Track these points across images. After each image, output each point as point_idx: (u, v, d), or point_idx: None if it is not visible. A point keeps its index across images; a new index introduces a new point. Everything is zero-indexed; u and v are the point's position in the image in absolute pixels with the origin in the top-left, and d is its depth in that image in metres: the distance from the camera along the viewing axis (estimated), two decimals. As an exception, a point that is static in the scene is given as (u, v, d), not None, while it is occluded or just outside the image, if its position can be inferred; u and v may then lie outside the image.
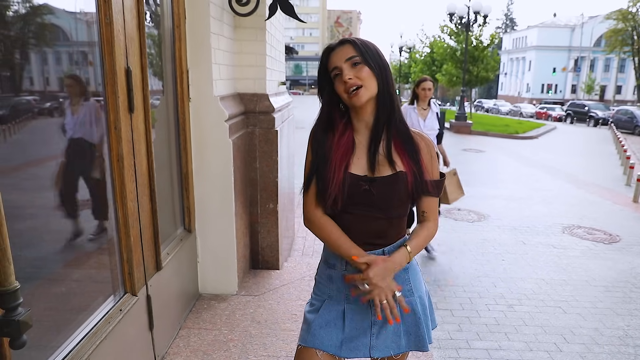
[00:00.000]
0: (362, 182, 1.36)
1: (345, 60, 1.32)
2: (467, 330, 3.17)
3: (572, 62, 58.25)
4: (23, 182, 1.58)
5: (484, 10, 17.72)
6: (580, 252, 4.82)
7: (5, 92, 1.47)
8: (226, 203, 2.96)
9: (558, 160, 11.69)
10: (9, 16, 1.46)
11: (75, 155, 1.80)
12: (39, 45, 1.60)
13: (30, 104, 1.57)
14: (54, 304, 1.69)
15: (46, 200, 1.68)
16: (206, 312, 2.89)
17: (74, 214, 1.84)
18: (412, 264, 1.48)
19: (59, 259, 1.76)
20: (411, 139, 1.40)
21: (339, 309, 1.45)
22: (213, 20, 2.78)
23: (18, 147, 1.52)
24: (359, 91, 1.32)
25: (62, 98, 1.76)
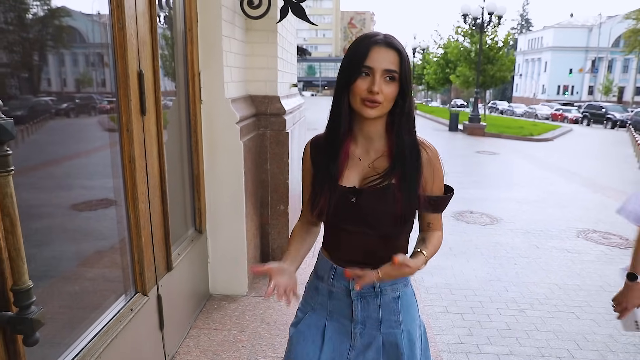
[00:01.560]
0: (349, 195, 1.28)
1: (384, 70, 1.19)
2: (477, 335, 3.14)
3: (589, 63, 57.35)
4: (40, 182, 1.62)
5: (498, 11, 17.54)
6: (595, 257, 4.75)
7: (23, 93, 1.51)
8: (237, 204, 2.98)
9: (573, 163, 11.52)
10: (27, 18, 1.49)
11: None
12: (56, 47, 1.63)
13: (47, 105, 1.60)
14: (67, 302, 1.72)
15: (61, 200, 1.72)
16: (216, 313, 2.92)
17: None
18: (406, 293, 1.38)
19: (72, 258, 1.79)
20: (413, 152, 1.28)
21: (319, 325, 1.39)
22: (225, 23, 2.81)
23: (36, 147, 1.56)
24: (376, 105, 1.21)
25: (78, 99, 1.80)
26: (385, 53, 1.20)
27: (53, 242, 1.68)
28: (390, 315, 1.35)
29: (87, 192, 1.90)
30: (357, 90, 1.21)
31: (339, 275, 1.35)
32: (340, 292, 1.36)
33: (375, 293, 1.34)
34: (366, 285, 1.28)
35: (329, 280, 1.38)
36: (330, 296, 1.38)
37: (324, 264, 1.40)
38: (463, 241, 5.09)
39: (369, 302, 1.35)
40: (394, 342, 1.34)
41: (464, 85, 24.06)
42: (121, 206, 1.97)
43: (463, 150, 13.00)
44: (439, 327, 3.22)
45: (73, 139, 1.79)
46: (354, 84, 1.21)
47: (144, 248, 2.02)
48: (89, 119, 1.89)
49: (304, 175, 1.41)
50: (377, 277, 1.20)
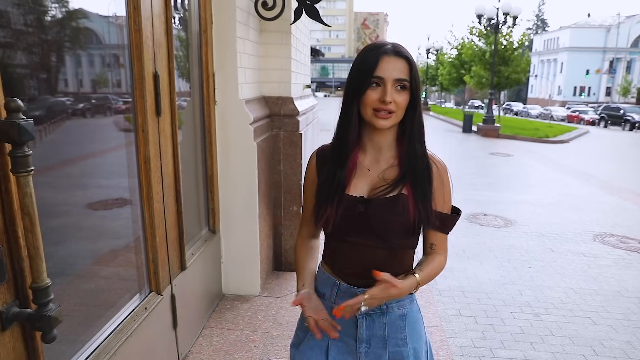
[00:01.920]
0: (357, 205, 1.24)
1: (395, 79, 1.18)
2: (491, 339, 3.11)
3: (606, 64, 56.41)
4: (57, 181, 1.64)
5: (513, 11, 17.33)
6: (612, 261, 4.66)
7: (42, 93, 1.53)
8: (250, 205, 3.00)
9: (590, 165, 11.33)
10: (45, 20, 1.52)
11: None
12: (73, 48, 1.66)
13: (64, 105, 1.63)
14: (82, 300, 1.75)
15: (78, 199, 1.75)
16: (229, 313, 2.93)
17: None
18: (413, 310, 1.35)
19: (88, 257, 1.82)
20: (424, 164, 1.26)
21: (322, 345, 1.34)
22: (239, 25, 2.82)
23: (53, 146, 1.58)
24: (389, 116, 1.19)
25: (95, 99, 1.83)
26: (395, 62, 1.19)
27: (69, 241, 1.70)
28: (397, 333, 1.31)
29: (102, 191, 1.93)
30: (368, 101, 1.20)
31: (343, 292, 1.31)
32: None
33: (381, 311, 1.30)
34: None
35: (331, 297, 1.33)
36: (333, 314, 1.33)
37: (326, 281, 1.35)
38: (476, 244, 5.04)
39: (374, 320, 1.30)
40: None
41: (478, 86, 23.82)
42: (136, 206, 1.99)
43: (477, 152, 12.89)
44: (452, 330, 3.20)
45: (89, 139, 1.82)
46: (364, 95, 1.20)
47: (158, 247, 2.04)
48: (105, 119, 1.92)
49: (307, 185, 1.37)
50: (363, 300, 1.17)
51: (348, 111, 1.26)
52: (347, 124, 1.26)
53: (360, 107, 1.22)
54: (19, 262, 1.17)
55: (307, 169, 1.38)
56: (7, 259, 1.15)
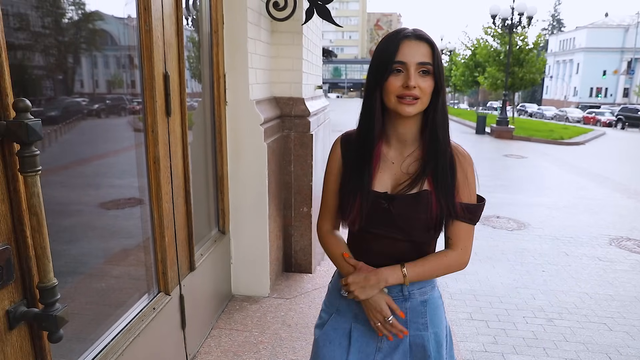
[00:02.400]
0: (381, 201, 1.23)
1: (418, 63, 1.15)
2: (502, 343, 3.06)
3: (624, 64, 55.38)
4: (70, 180, 1.66)
5: (528, 11, 17.12)
6: (629, 266, 4.56)
7: (57, 94, 1.55)
8: (260, 206, 2.99)
9: (606, 167, 11.12)
10: (61, 22, 1.53)
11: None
12: (88, 49, 1.68)
13: (79, 106, 1.64)
14: (91, 299, 1.75)
15: (89, 198, 1.76)
16: (238, 313, 2.93)
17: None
18: (434, 296, 1.36)
19: (97, 256, 1.83)
20: (446, 156, 1.24)
21: (345, 328, 1.37)
22: (250, 25, 2.82)
23: (67, 146, 1.59)
24: (414, 102, 1.16)
25: (108, 100, 1.84)
26: (416, 46, 1.16)
27: (80, 240, 1.71)
28: (418, 318, 1.32)
29: (114, 190, 1.94)
30: (391, 89, 1.17)
31: None
32: None
33: (403, 297, 1.32)
34: (394, 290, 1.31)
35: None
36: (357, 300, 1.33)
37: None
38: (489, 246, 4.98)
39: (397, 305, 1.31)
40: (421, 344, 1.32)
41: (492, 87, 23.58)
42: (145, 206, 2.00)
43: (490, 154, 12.75)
44: (463, 334, 3.15)
45: (101, 139, 1.83)
46: (386, 82, 1.17)
47: (167, 248, 2.04)
48: (118, 120, 1.93)
49: (330, 170, 1.35)
50: (342, 285, 1.27)
51: (371, 101, 1.22)
52: (371, 115, 1.23)
53: (384, 96, 1.19)
54: (26, 261, 1.17)
55: (331, 156, 1.34)
56: (15, 259, 1.15)
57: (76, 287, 1.66)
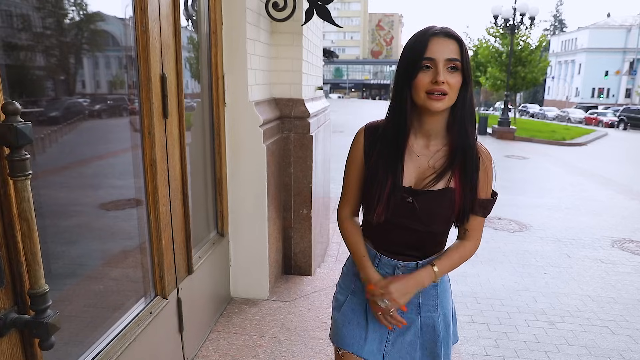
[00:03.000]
0: (405, 195, 1.28)
1: (446, 59, 1.18)
2: (504, 347, 3.03)
3: (627, 65, 55.22)
4: (69, 181, 1.64)
5: (530, 11, 17.06)
6: (632, 269, 4.53)
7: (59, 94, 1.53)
8: (259, 208, 2.97)
9: (608, 168, 11.08)
10: (63, 22, 1.52)
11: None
12: (88, 50, 1.66)
13: (81, 106, 1.64)
14: (86, 303, 1.73)
15: (87, 199, 1.74)
16: (237, 317, 2.90)
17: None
18: (444, 279, 1.43)
19: (94, 259, 1.81)
20: (473, 153, 1.28)
21: (361, 308, 1.44)
22: (249, 26, 2.80)
23: (68, 146, 1.58)
24: (443, 97, 1.19)
25: (111, 100, 1.83)
26: (444, 43, 1.19)
27: (79, 241, 1.70)
28: (429, 301, 1.40)
29: (114, 192, 1.92)
30: (420, 85, 1.20)
31: (384, 264, 1.38)
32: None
33: None
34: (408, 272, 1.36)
35: (374, 267, 1.39)
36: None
37: (368, 251, 1.41)
38: (490, 248, 4.95)
39: None
40: (432, 324, 1.40)
41: (494, 88, 23.51)
42: (142, 209, 1.97)
43: (492, 155, 12.69)
44: (464, 338, 3.13)
45: (102, 140, 1.82)
46: (415, 79, 1.20)
47: (164, 251, 2.02)
48: (119, 120, 1.92)
49: (352, 159, 1.38)
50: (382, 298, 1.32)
51: (400, 97, 1.26)
52: (401, 112, 1.27)
53: (413, 92, 1.22)
54: (17, 267, 1.15)
55: (355, 145, 1.37)
56: (6, 264, 1.13)
57: (73, 289, 1.64)
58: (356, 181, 1.39)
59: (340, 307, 1.47)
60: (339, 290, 1.52)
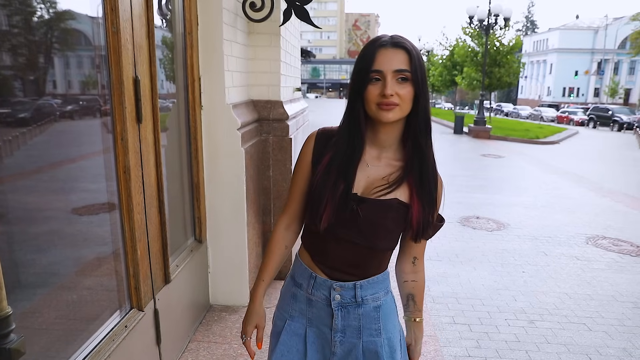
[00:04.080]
0: (350, 202, 1.21)
1: (394, 71, 1.15)
2: (485, 347, 3.04)
3: (595, 65, 57.02)
4: (41, 185, 1.57)
5: (504, 12, 17.40)
6: (606, 265, 4.63)
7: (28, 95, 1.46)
8: (238, 212, 2.90)
9: (580, 166, 11.37)
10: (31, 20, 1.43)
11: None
12: (61, 49, 1.58)
13: (52, 107, 1.57)
14: (57, 316, 1.64)
15: (61, 203, 1.65)
16: (216, 325, 2.83)
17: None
18: (387, 301, 1.35)
19: (64, 269, 1.72)
20: (430, 165, 1.24)
21: (300, 333, 1.36)
22: (226, 27, 2.73)
23: (39, 149, 1.51)
24: (393, 107, 1.16)
25: (83, 101, 1.75)
26: (392, 54, 1.16)
27: (48, 249, 1.62)
28: (371, 324, 1.32)
29: (83, 197, 1.83)
30: (370, 97, 1.17)
31: (319, 284, 1.31)
32: (320, 301, 1.32)
33: (356, 303, 1.30)
34: (347, 296, 1.30)
35: (308, 288, 1.32)
36: (309, 304, 1.33)
37: (303, 271, 1.34)
38: (470, 248, 4.99)
39: (349, 311, 1.31)
40: (374, 350, 1.32)
41: (470, 87, 23.90)
42: (117, 213, 1.88)
43: (468, 154, 12.88)
44: (446, 339, 3.13)
45: (75, 142, 1.75)
46: (366, 91, 1.17)
47: (140, 261, 1.93)
48: (91, 121, 1.84)
49: (300, 164, 1.31)
50: None
51: (354, 110, 1.22)
52: (356, 125, 1.23)
53: (365, 104, 1.19)
54: (-22, 288, 1.06)
55: (304, 149, 1.31)
56: (-35, 285, 1.05)
57: (44, 300, 1.56)
58: (300, 187, 1.32)
59: (279, 335, 1.38)
60: (277, 314, 1.43)
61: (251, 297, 1.40)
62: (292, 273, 1.40)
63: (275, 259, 1.38)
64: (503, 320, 3.43)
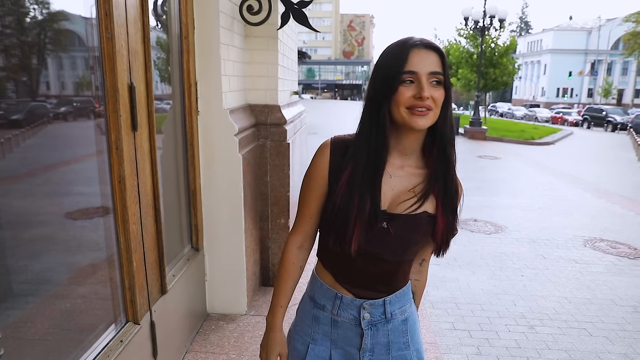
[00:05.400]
0: (379, 218, 1.14)
1: (429, 73, 1.08)
2: (486, 354, 3.01)
3: (588, 66, 57.35)
4: (34, 188, 1.52)
5: (499, 14, 17.44)
6: (604, 268, 4.62)
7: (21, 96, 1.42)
8: (236, 219, 2.85)
9: (576, 167, 11.40)
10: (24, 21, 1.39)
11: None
12: (55, 50, 1.54)
13: (45, 109, 1.54)
14: (50, 326, 1.59)
15: (55, 207, 1.60)
16: (214, 334, 2.78)
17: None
18: (413, 312, 1.33)
19: (57, 276, 1.67)
20: (454, 175, 1.20)
21: (325, 357, 1.28)
22: (223, 31, 2.68)
23: (31, 152, 1.47)
24: (427, 113, 1.08)
25: (77, 102, 1.71)
26: (426, 54, 1.09)
27: (41, 255, 1.57)
28: (400, 338, 1.28)
29: (77, 201, 1.78)
30: (401, 100, 1.08)
31: (346, 305, 1.23)
32: (348, 321, 1.25)
33: (386, 319, 1.26)
34: (376, 313, 1.25)
35: (333, 310, 1.25)
36: (334, 325, 1.26)
37: (325, 292, 1.26)
38: (468, 251, 4.96)
39: (378, 328, 1.26)
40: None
41: (465, 88, 23.94)
42: (112, 218, 1.82)
43: (464, 155, 12.88)
44: (446, 346, 3.09)
45: (69, 144, 1.70)
46: (396, 94, 1.08)
47: (136, 273, 1.88)
48: (86, 123, 1.79)
49: (313, 176, 1.20)
50: None
51: (379, 115, 1.12)
52: (380, 131, 1.13)
53: (392, 108, 1.10)
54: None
55: (317, 160, 1.20)
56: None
57: (37, 309, 1.51)
58: (315, 203, 1.21)
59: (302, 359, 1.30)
60: (296, 338, 1.32)
61: (270, 325, 1.30)
62: (310, 294, 1.31)
63: (291, 281, 1.29)
64: (503, 325, 3.40)
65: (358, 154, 1.15)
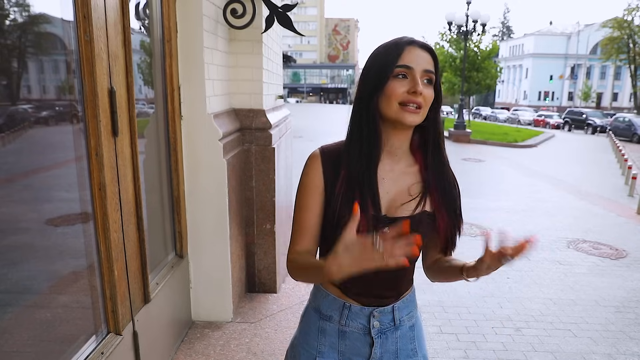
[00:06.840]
0: (380, 224, 1.11)
1: (423, 70, 1.08)
2: (473, 357, 3.01)
3: (568, 70, 58.60)
4: (14, 194, 1.49)
5: (482, 18, 17.69)
6: (587, 269, 4.68)
7: None
8: (220, 225, 2.81)
9: (558, 169, 11.58)
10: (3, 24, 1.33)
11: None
12: (35, 53, 1.50)
13: (26, 113, 1.50)
14: (29, 337, 1.53)
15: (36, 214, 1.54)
16: (199, 343, 2.72)
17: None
18: (419, 318, 1.32)
19: (37, 285, 1.61)
20: (449, 173, 1.19)
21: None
22: (206, 34, 2.64)
23: (10, 157, 1.43)
24: (417, 111, 1.08)
25: (58, 106, 1.67)
26: (421, 53, 1.10)
27: (21, 263, 1.51)
28: (407, 345, 1.27)
29: (58, 207, 1.72)
30: (393, 94, 1.07)
31: (355, 314, 1.21)
32: (357, 331, 1.22)
33: (394, 326, 1.24)
34: (385, 320, 1.22)
35: (341, 320, 1.22)
36: (342, 336, 1.23)
37: (331, 303, 1.23)
38: (454, 254, 4.97)
39: (387, 336, 1.24)
40: None
41: (449, 92, 24.21)
42: (92, 230, 1.77)
43: (449, 157, 12.88)
44: (434, 350, 3.09)
45: (46, 150, 1.65)
46: (388, 87, 1.08)
47: (117, 282, 1.83)
48: (68, 127, 1.74)
49: (309, 190, 1.16)
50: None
51: (368, 111, 1.11)
52: (372, 128, 1.11)
53: (383, 103, 1.09)
54: None
55: (310, 172, 1.16)
56: None
57: (15, 318, 1.45)
58: (315, 216, 1.16)
59: None
60: (302, 351, 1.28)
61: (321, 264, 1.04)
62: (314, 306, 1.27)
63: (310, 257, 1.17)
64: (490, 328, 3.41)
65: (350, 158, 1.13)
